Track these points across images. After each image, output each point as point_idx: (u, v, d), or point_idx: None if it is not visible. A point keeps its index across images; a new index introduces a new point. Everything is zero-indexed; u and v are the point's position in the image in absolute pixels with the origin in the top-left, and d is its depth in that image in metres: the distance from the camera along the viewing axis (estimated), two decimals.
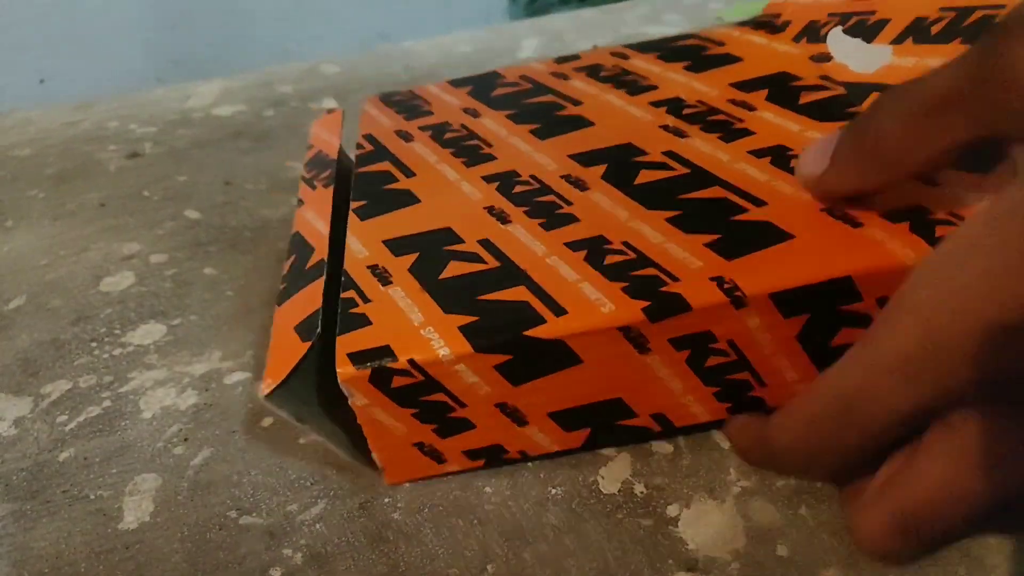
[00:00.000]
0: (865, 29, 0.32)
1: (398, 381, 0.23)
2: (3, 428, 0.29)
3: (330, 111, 0.36)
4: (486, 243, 0.26)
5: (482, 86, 0.38)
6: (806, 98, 0.29)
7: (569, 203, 0.27)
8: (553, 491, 0.25)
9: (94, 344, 0.33)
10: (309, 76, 0.59)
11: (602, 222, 0.26)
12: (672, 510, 0.24)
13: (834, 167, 0.23)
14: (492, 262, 0.25)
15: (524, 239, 0.26)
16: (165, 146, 0.50)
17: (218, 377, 0.31)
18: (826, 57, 0.32)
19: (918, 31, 0.29)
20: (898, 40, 0.30)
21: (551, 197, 0.28)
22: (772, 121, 0.29)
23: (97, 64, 1.21)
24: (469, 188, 0.30)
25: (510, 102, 0.35)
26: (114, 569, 0.24)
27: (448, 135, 0.34)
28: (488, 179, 0.30)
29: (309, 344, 0.23)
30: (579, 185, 0.28)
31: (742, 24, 0.37)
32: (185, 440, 0.28)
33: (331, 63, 0.61)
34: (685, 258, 0.23)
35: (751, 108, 0.30)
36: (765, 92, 0.31)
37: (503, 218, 0.27)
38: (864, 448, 0.18)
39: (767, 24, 0.36)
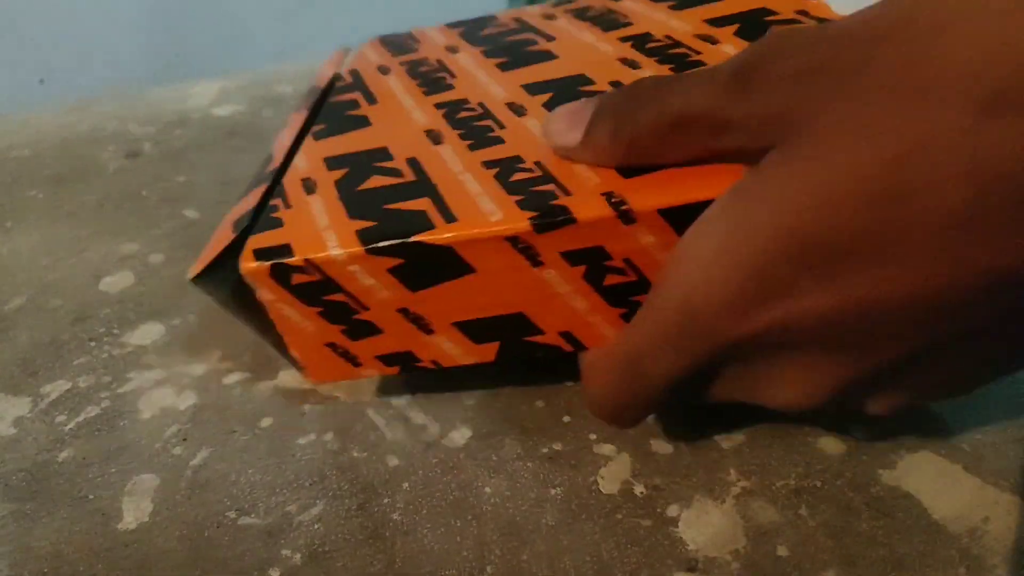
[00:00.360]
0: None
1: (297, 278, 0.24)
2: (2, 428, 0.29)
3: (346, 49, 0.40)
4: (412, 161, 0.27)
5: (474, 27, 0.39)
6: None
7: (503, 127, 0.28)
8: (552, 491, 0.25)
9: (93, 344, 0.33)
10: (308, 76, 0.59)
11: (525, 145, 0.27)
12: (672, 510, 0.24)
13: (588, 147, 0.23)
14: (409, 177, 0.26)
15: (447, 158, 0.27)
16: (164, 146, 0.50)
17: (217, 377, 0.31)
18: None
19: None
20: None
21: (488, 122, 0.29)
22: (730, 53, 0.28)
23: (96, 64, 1.21)
24: (419, 114, 0.31)
25: (490, 40, 0.37)
26: (113, 569, 0.24)
27: (422, 68, 0.35)
28: (439, 106, 0.31)
29: (234, 236, 0.25)
30: (519, 111, 0.29)
31: None
32: (184, 440, 0.28)
33: None
34: (587, 177, 0.24)
35: (715, 42, 0.30)
36: (736, 27, 0.31)
37: (437, 139, 0.28)
38: (651, 400, 0.23)
39: None
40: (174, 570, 0.24)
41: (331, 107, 0.33)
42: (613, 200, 0.22)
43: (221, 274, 0.25)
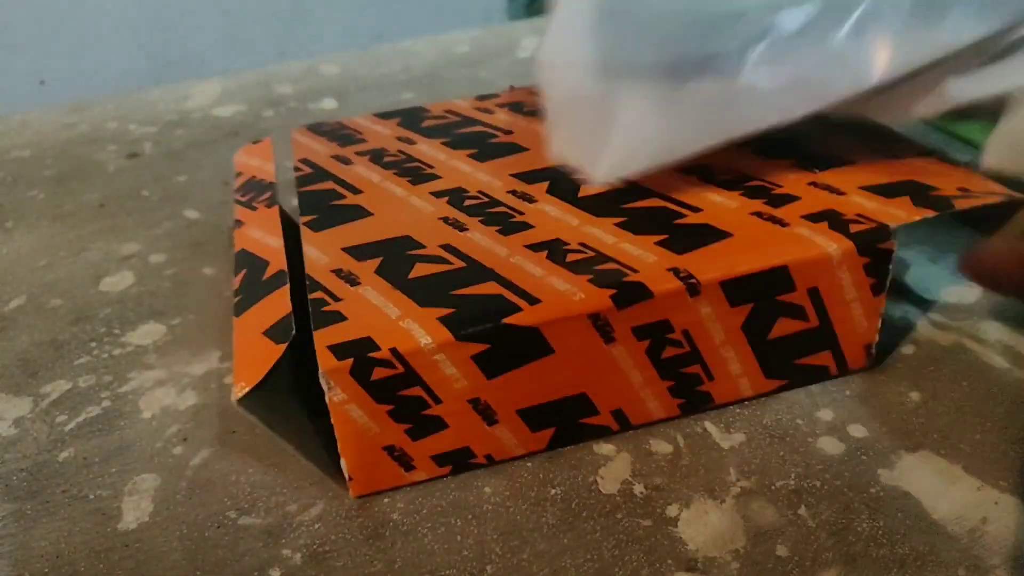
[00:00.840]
0: None
1: (378, 373, 0.23)
2: (3, 428, 0.29)
3: (256, 142, 0.37)
4: (448, 247, 0.27)
5: (410, 118, 0.39)
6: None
7: (521, 213, 0.29)
8: (552, 491, 0.25)
9: (93, 344, 0.33)
10: (308, 76, 0.59)
11: (555, 227, 0.28)
12: (672, 510, 0.24)
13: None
14: (458, 263, 0.26)
15: (484, 243, 0.27)
16: (164, 146, 0.50)
17: (217, 377, 0.31)
18: None
19: None
20: None
21: (502, 208, 0.29)
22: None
23: (96, 65, 1.21)
24: (420, 202, 0.31)
25: (441, 131, 0.37)
26: (113, 568, 0.24)
27: (387, 159, 0.35)
28: (437, 195, 0.31)
29: (285, 345, 0.23)
30: (527, 198, 0.30)
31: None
32: (184, 440, 0.28)
33: (330, 63, 0.61)
34: (640, 254, 0.25)
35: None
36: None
37: (460, 227, 0.28)
38: None
39: None
40: (174, 570, 0.24)
41: (309, 197, 0.32)
42: (680, 275, 0.24)
43: (272, 390, 0.23)
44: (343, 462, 0.25)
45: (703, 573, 0.22)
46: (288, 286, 0.26)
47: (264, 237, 0.29)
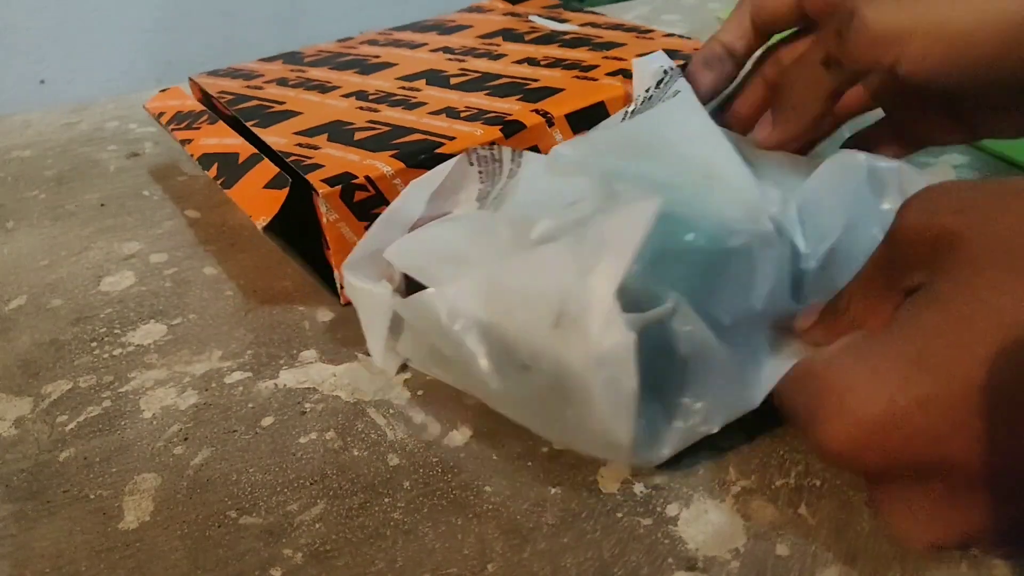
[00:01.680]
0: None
1: (358, 195, 0.32)
2: (3, 428, 0.29)
3: (163, 90, 0.45)
4: (372, 122, 0.37)
5: (291, 57, 0.47)
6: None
7: (414, 97, 0.39)
8: (553, 490, 0.25)
9: (94, 344, 0.33)
10: None
11: (444, 101, 0.38)
12: (672, 509, 0.24)
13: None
14: (385, 128, 0.36)
15: (397, 116, 0.37)
16: (164, 146, 0.50)
17: (218, 377, 0.31)
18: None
19: None
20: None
21: (399, 96, 0.40)
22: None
23: (97, 65, 1.21)
24: (334, 102, 0.40)
25: (323, 62, 0.46)
26: (114, 568, 0.24)
27: (291, 83, 0.43)
28: (346, 96, 0.40)
29: (288, 187, 0.31)
30: (414, 89, 0.40)
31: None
32: (185, 440, 0.28)
33: None
34: (510, 106, 0.37)
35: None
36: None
37: (374, 111, 0.38)
38: None
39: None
40: (175, 569, 0.24)
41: (245, 112, 0.39)
42: (540, 113, 0.36)
43: (279, 223, 0.31)
44: (336, 274, 0.33)
45: (703, 572, 0.22)
46: (266, 160, 0.34)
47: (222, 141, 0.37)
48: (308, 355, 0.32)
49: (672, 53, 0.39)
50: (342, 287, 0.33)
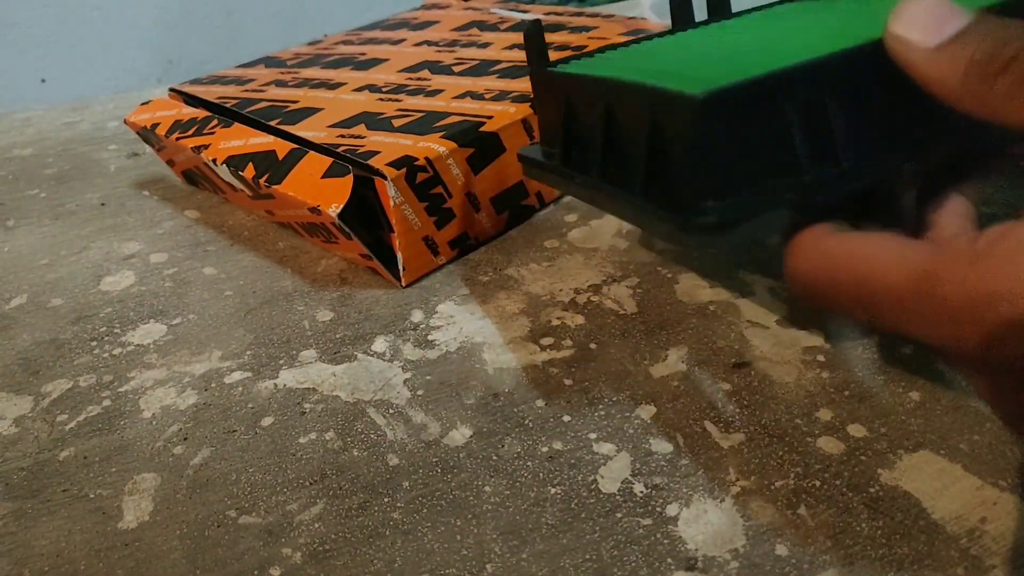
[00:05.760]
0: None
1: (420, 176, 0.33)
2: (3, 427, 0.29)
3: (146, 103, 0.43)
4: (402, 111, 0.37)
5: (271, 62, 0.47)
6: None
7: (427, 85, 0.40)
8: (552, 490, 0.25)
9: (94, 343, 0.33)
10: None
11: (460, 88, 0.39)
12: (671, 510, 0.24)
13: (937, 59, 0.20)
14: (419, 115, 0.36)
15: (423, 103, 0.38)
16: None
17: (218, 376, 0.31)
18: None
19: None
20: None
21: (412, 86, 0.40)
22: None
23: (98, 64, 1.21)
24: (350, 96, 0.39)
25: (310, 63, 0.45)
26: (114, 567, 0.24)
27: (290, 84, 0.42)
28: (357, 90, 0.40)
29: (351, 175, 0.32)
30: (423, 79, 0.41)
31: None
32: (185, 439, 0.28)
33: None
34: (528, 85, 0.35)
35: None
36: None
37: (396, 101, 0.39)
38: None
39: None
40: (174, 569, 0.24)
41: (261, 113, 0.39)
42: None
43: (352, 205, 0.31)
44: (399, 256, 0.34)
45: (703, 572, 0.22)
46: (311, 152, 0.34)
47: (248, 141, 0.36)
48: (308, 355, 0.32)
49: (638, 33, 0.40)
50: (404, 268, 0.34)
